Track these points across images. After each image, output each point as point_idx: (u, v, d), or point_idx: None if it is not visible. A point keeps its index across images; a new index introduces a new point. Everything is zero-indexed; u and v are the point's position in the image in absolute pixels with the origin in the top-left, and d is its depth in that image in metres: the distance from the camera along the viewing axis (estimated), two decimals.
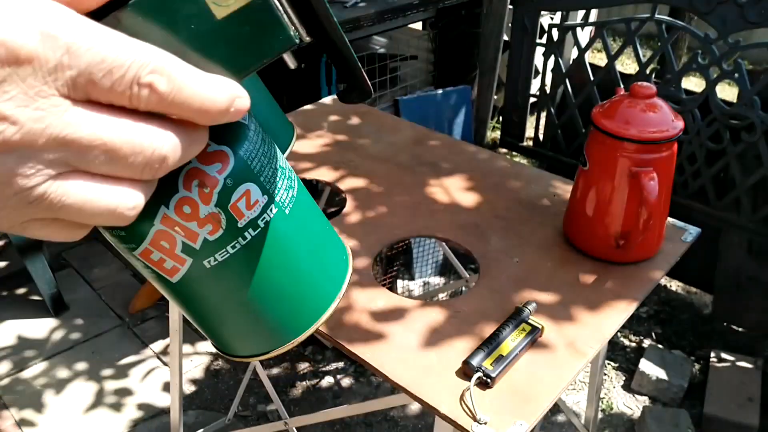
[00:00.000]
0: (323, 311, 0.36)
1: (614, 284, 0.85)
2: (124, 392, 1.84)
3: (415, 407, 1.82)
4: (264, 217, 0.32)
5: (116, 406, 1.80)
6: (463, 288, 0.86)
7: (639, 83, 0.85)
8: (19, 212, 0.26)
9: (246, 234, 0.31)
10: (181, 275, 0.32)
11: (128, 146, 0.26)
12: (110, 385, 1.86)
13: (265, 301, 0.34)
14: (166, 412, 1.78)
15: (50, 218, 0.27)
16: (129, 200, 0.27)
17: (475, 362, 0.70)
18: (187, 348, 2.00)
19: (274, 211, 0.32)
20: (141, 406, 1.80)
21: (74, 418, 1.76)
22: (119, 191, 0.27)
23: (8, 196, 0.26)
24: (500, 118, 2.38)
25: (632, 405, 1.84)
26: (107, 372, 1.91)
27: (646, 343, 2.02)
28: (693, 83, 3.84)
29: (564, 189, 1.05)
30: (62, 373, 1.90)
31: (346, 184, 1.06)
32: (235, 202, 0.30)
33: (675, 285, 2.27)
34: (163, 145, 0.27)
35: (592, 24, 1.84)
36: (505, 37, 2.16)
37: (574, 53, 1.96)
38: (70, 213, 0.27)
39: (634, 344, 2.03)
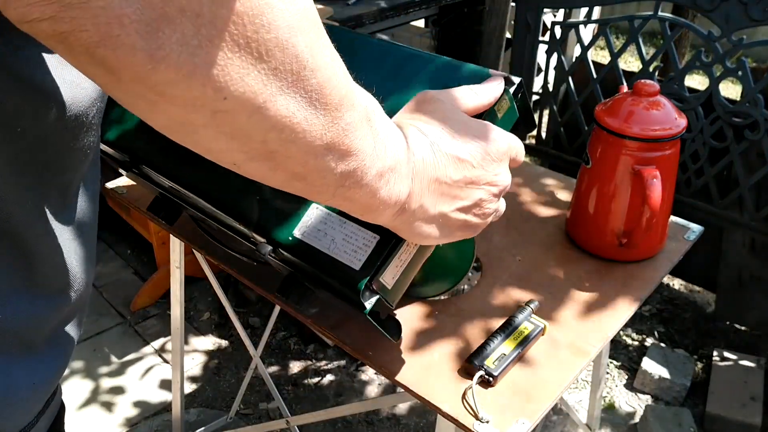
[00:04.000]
0: (461, 277, 0.81)
1: (617, 283, 0.84)
2: (126, 390, 1.85)
3: (417, 406, 1.81)
4: None
5: (117, 404, 1.80)
6: (465, 286, 0.85)
7: (642, 81, 0.84)
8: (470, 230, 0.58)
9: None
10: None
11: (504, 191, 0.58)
12: (112, 383, 1.86)
13: (447, 263, 0.80)
14: (167, 410, 1.78)
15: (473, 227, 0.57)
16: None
17: (477, 361, 0.69)
18: (188, 346, 2.00)
19: None
20: (142, 404, 1.81)
21: (74, 416, 1.76)
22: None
23: (479, 224, 0.57)
24: None
25: (635, 404, 1.84)
26: (108, 370, 1.91)
27: (649, 341, 2.02)
28: (696, 81, 3.83)
29: (567, 187, 1.05)
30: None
31: None
32: None
33: (677, 283, 2.26)
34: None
35: (594, 22, 1.83)
36: (508, 35, 2.15)
37: (577, 51, 1.95)
38: (488, 221, 0.57)
39: (636, 343, 2.03)
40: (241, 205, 0.66)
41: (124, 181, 1.04)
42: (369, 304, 0.60)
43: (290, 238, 0.63)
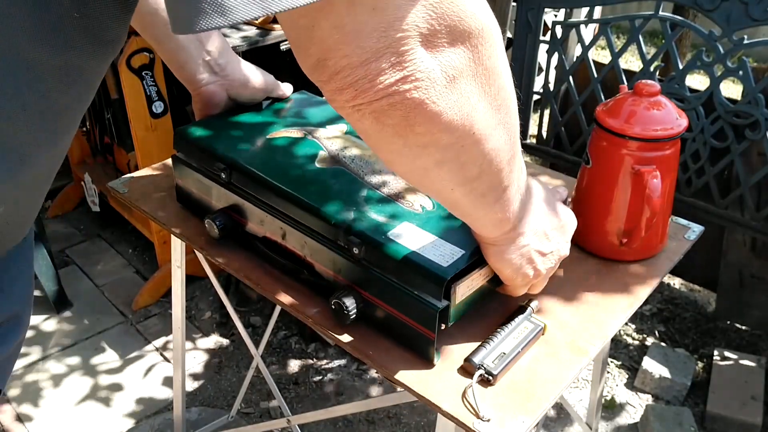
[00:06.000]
0: None
1: (617, 282, 0.84)
2: (127, 389, 1.85)
3: (417, 405, 1.82)
4: None
5: (119, 403, 1.81)
6: None
7: (643, 81, 0.84)
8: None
9: None
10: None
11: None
12: (113, 382, 1.87)
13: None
14: (168, 409, 1.78)
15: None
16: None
17: (476, 360, 0.70)
18: (189, 345, 2.01)
19: None
20: (143, 403, 1.81)
21: (76, 414, 1.76)
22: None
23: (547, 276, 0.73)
24: None
25: (635, 403, 1.84)
26: (110, 369, 1.91)
27: (650, 341, 2.02)
28: (697, 81, 3.83)
29: (567, 187, 1.05)
30: (65, 369, 1.90)
31: None
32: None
33: (678, 283, 2.26)
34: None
35: (595, 21, 1.83)
36: (509, 34, 2.15)
37: (578, 50, 1.95)
38: (548, 279, 0.74)
39: (637, 342, 2.03)
40: (339, 215, 0.74)
41: (124, 179, 1.04)
42: (443, 303, 0.67)
43: (383, 237, 0.70)
